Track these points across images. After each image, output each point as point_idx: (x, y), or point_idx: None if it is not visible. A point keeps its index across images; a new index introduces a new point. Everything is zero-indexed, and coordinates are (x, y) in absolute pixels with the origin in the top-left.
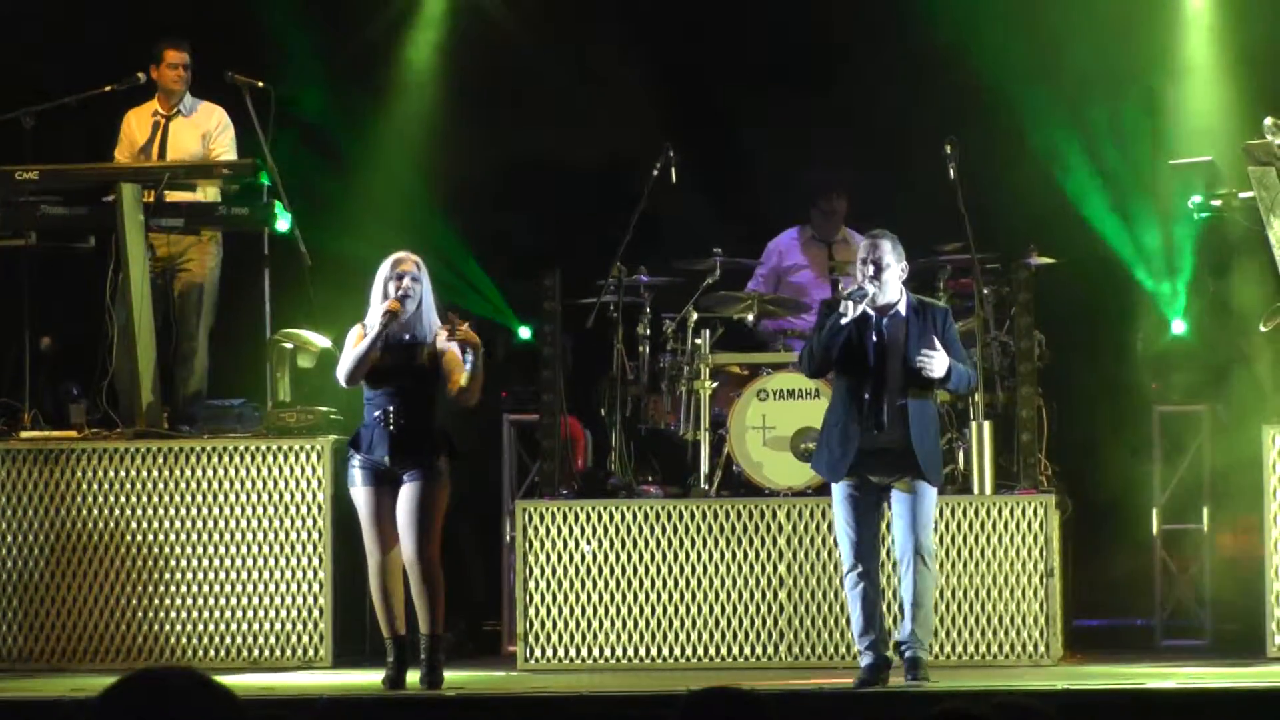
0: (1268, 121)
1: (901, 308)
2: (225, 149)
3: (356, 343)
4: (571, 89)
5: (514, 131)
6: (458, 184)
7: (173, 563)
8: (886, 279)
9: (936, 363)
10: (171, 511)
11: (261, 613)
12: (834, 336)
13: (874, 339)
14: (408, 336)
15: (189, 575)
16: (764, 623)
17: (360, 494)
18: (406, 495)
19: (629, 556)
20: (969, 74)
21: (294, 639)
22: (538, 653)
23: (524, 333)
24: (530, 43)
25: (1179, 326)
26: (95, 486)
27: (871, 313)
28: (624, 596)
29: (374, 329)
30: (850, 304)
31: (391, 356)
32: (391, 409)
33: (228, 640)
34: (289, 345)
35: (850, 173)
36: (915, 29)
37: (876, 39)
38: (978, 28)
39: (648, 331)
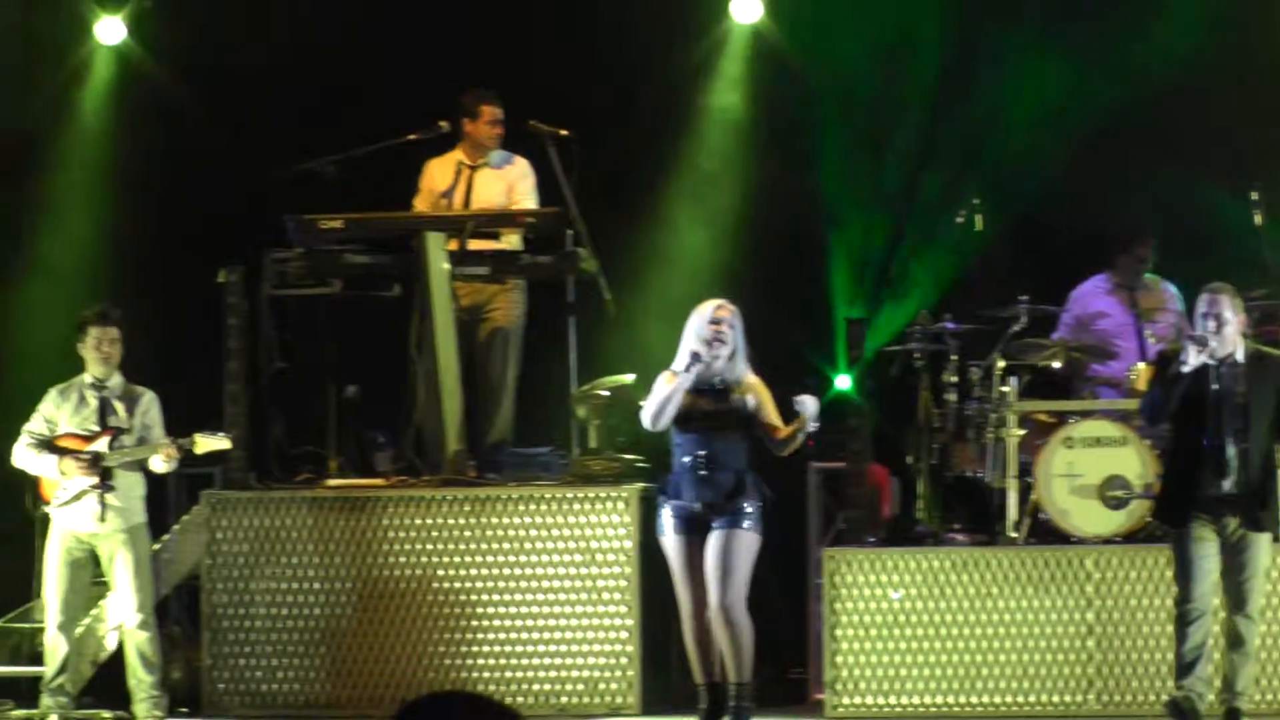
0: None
1: (1239, 355)
2: (526, 196)
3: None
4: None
5: (811, 180)
6: (759, 230)
7: (479, 610)
8: (1226, 334)
9: None
10: (478, 559)
11: (569, 660)
12: (1175, 384)
13: (1214, 388)
14: (719, 382)
15: (495, 623)
16: (1072, 670)
17: (671, 541)
18: (714, 542)
19: (935, 604)
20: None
21: (602, 686)
22: (845, 700)
23: (841, 382)
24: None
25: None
26: (401, 534)
27: (1211, 362)
28: (931, 644)
29: (683, 374)
30: (1192, 349)
31: (702, 402)
32: (702, 454)
33: (535, 687)
34: (603, 393)
35: (1152, 219)
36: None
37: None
38: None
39: (954, 379)
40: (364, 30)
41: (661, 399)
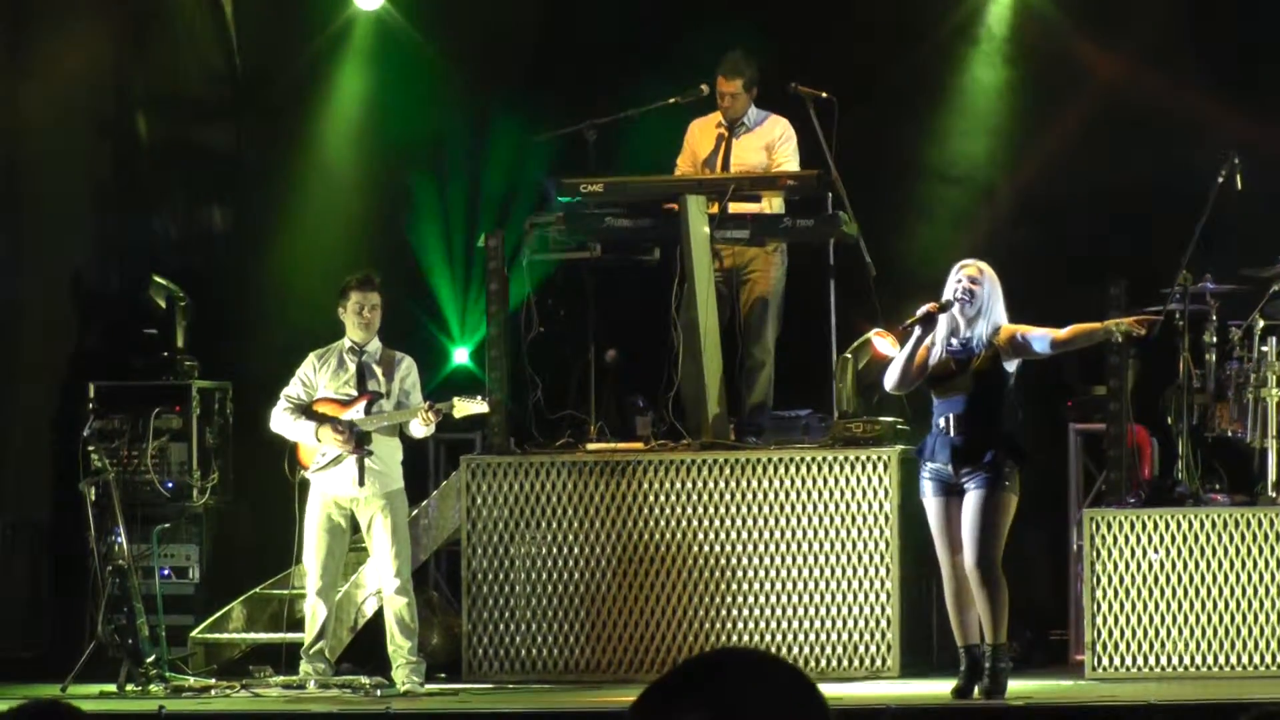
0: None
1: None
2: (787, 159)
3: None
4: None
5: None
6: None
7: (739, 574)
8: None
9: None
10: (738, 523)
11: (829, 623)
12: None
13: None
14: (960, 342)
15: (755, 586)
16: None
17: (929, 503)
18: (969, 503)
19: (1196, 565)
20: None
21: (862, 649)
22: (1105, 661)
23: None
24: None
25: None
26: (661, 498)
27: None
28: (1191, 605)
29: (916, 333)
30: None
31: (953, 364)
32: (952, 415)
33: (795, 651)
34: (847, 355)
35: None
36: None
37: None
38: None
39: (1214, 339)
40: None
41: (898, 361)
